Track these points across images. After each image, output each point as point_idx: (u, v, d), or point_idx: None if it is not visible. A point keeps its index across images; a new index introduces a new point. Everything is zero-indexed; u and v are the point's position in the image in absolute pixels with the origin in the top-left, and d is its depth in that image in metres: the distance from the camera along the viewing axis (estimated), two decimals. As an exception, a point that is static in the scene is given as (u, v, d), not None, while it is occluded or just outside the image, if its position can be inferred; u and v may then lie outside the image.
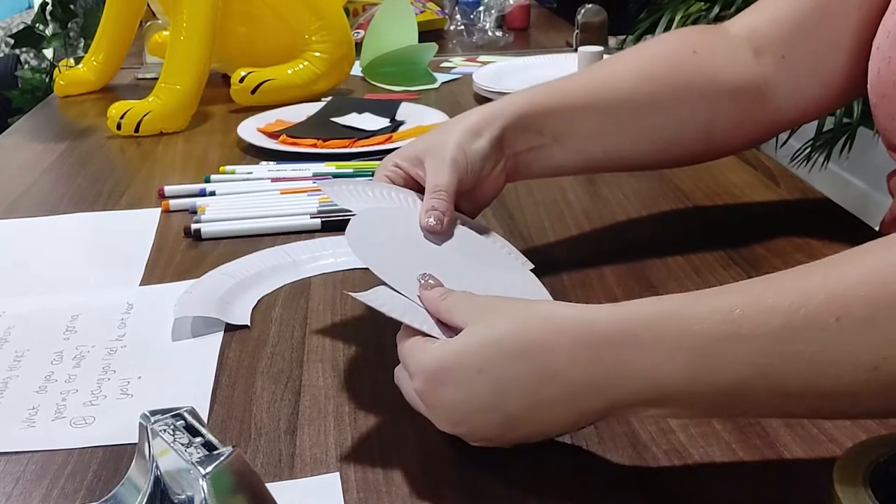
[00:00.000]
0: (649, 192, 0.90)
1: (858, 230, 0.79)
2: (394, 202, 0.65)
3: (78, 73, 1.41)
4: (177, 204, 0.90)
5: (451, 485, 0.48)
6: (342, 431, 0.53)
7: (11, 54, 3.42)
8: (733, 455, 0.50)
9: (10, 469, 0.51)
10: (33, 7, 3.91)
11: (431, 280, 0.54)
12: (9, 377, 0.61)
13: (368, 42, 1.44)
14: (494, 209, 0.87)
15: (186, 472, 0.39)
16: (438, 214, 0.62)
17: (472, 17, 1.85)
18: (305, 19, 1.28)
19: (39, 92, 2.93)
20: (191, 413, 0.42)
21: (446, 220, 0.62)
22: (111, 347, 0.64)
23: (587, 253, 0.77)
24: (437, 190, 0.64)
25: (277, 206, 0.87)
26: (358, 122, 1.13)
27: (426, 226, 0.62)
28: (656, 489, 0.47)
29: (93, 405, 0.57)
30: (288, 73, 1.27)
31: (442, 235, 0.62)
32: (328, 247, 0.78)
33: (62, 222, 0.89)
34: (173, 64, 1.19)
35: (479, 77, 1.31)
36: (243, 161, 1.04)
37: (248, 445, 0.52)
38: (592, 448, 0.51)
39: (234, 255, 0.77)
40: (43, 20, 3.02)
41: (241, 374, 0.60)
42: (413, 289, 0.53)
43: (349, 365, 0.60)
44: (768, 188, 0.90)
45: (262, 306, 0.69)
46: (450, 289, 0.52)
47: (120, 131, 1.16)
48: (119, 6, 1.35)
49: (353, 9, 1.75)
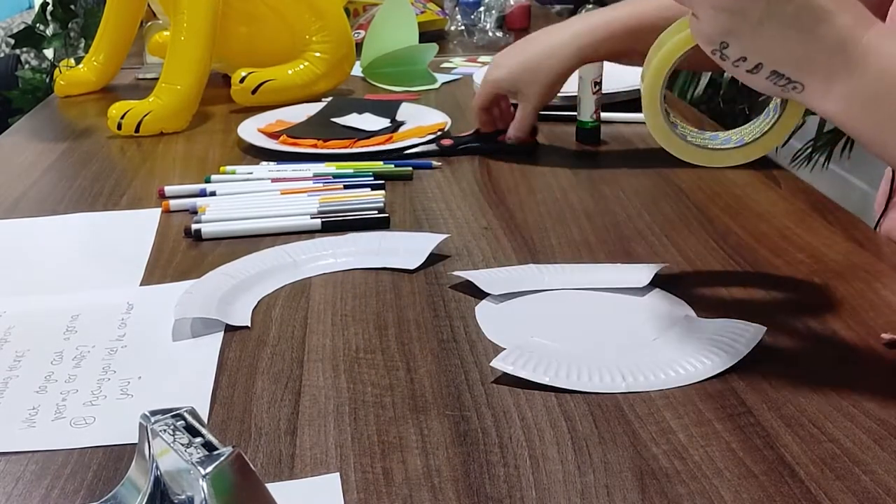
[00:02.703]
0: (650, 191, 0.90)
1: (859, 230, 0.79)
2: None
3: (78, 74, 1.41)
4: (177, 204, 0.90)
5: (452, 485, 0.48)
6: (342, 431, 0.53)
7: (12, 54, 3.42)
8: (733, 455, 0.50)
9: (10, 469, 0.51)
10: (34, 7, 3.91)
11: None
12: (9, 377, 0.61)
13: (369, 42, 1.44)
14: (495, 209, 0.87)
15: (186, 473, 0.39)
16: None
17: (473, 17, 1.85)
18: (306, 19, 1.28)
19: (40, 92, 2.93)
20: (191, 413, 0.42)
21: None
22: (111, 347, 0.64)
23: (587, 253, 0.77)
24: (521, 128, 1.01)
25: (278, 207, 0.87)
26: (358, 122, 1.13)
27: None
28: (656, 489, 0.47)
29: (93, 405, 0.57)
30: (288, 74, 1.27)
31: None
32: (328, 247, 0.78)
33: (62, 222, 0.89)
34: (174, 64, 1.19)
35: (479, 78, 1.31)
36: (243, 161, 1.04)
37: (248, 446, 0.52)
38: (592, 448, 0.51)
39: (234, 255, 0.77)
40: (43, 20, 3.03)
41: (241, 375, 0.60)
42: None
43: (349, 365, 0.60)
44: (769, 188, 0.90)
45: (262, 306, 0.69)
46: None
47: (120, 131, 1.16)
48: (119, 6, 1.35)
49: (354, 9, 1.75)
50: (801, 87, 0.56)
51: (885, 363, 0.58)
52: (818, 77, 0.55)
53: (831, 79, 0.55)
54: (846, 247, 0.76)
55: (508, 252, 0.77)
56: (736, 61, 0.56)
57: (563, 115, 1.16)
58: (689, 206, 0.86)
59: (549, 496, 0.47)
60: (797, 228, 0.80)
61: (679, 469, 0.49)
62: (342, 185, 0.92)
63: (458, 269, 0.73)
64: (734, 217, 0.83)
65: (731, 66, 0.56)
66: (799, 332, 0.63)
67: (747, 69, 0.56)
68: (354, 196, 0.88)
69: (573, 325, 0.65)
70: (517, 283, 0.70)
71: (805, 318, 0.64)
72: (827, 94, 0.55)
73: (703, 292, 0.69)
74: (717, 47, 0.56)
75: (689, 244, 0.78)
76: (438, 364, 0.60)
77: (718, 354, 0.59)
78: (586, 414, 0.54)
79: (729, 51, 0.56)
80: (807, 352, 0.60)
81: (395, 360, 0.61)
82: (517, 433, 0.52)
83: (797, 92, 0.56)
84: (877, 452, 0.49)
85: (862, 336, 0.62)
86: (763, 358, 0.59)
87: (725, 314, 0.65)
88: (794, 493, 0.47)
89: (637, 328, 0.64)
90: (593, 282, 0.71)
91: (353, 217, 0.84)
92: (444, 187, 0.94)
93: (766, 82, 0.56)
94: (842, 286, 0.69)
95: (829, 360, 0.59)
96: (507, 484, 0.48)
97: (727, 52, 0.56)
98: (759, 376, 0.57)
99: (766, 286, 0.70)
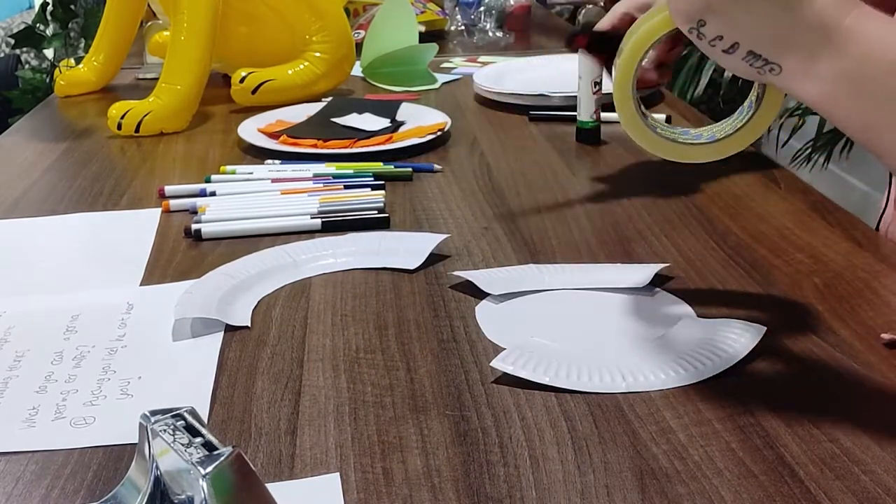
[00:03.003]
0: (650, 191, 0.90)
1: (858, 230, 0.79)
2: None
3: (78, 74, 1.41)
4: (177, 204, 0.90)
5: (452, 485, 0.48)
6: (342, 431, 0.53)
7: (12, 54, 3.42)
8: (733, 455, 0.50)
9: (10, 469, 0.51)
10: (34, 7, 3.91)
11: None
12: (9, 377, 0.61)
13: (369, 42, 1.44)
14: (495, 209, 0.87)
15: (186, 473, 0.39)
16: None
17: (473, 17, 1.85)
18: (306, 20, 1.28)
19: (40, 92, 2.93)
20: (191, 413, 0.42)
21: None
22: (111, 347, 0.64)
23: (587, 253, 0.77)
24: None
25: (278, 207, 0.87)
26: (358, 122, 1.13)
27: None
28: (656, 489, 0.47)
29: (93, 405, 0.57)
30: (288, 74, 1.27)
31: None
32: (328, 247, 0.78)
33: (62, 222, 0.89)
34: (174, 64, 1.19)
35: (479, 78, 1.31)
36: (244, 161, 1.04)
37: (248, 446, 0.52)
38: (592, 448, 0.51)
39: (234, 255, 0.77)
40: (43, 20, 3.03)
41: (241, 375, 0.60)
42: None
43: (349, 365, 0.61)
44: (768, 188, 0.90)
45: (262, 306, 0.69)
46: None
47: (120, 131, 1.16)
48: (120, 6, 1.35)
49: (354, 9, 1.75)
50: (778, 69, 0.54)
51: (886, 363, 0.58)
52: (797, 57, 0.53)
53: (812, 60, 0.53)
54: (846, 247, 0.76)
55: (508, 252, 0.77)
56: (712, 40, 0.54)
57: (563, 115, 1.16)
58: (689, 206, 0.86)
59: (549, 496, 0.47)
60: (797, 228, 0.80)
61: (679, 469, 0.49)
62: (342, 185, 0.92)
63: (458, 269, 0.73)
64: (734, 217, 0.83)
65: (708, 45, 0.55)
66: (799, 332, 0.63)
67: (723, 49, 0.54)
68: (354, 196, 0.88)
69: (573, 325, 0.65)
70: (517, 283, 0.70)
71: (805, 319, 0.64)
72: (806, 76, 0.53)
73: (703, 292, 0.69)
74: (694, 25, 0.54)
75: (689, 244, 0.78)
76: (438, 364, 0.60)
77: (718, 355, 0.59)
78: (586, 414, 0.54)
79: (706, 28, 0.54)
80: (807, 352, 0.60)
81: (395, 360, 0.61)
82: (517, 433, 0.52)
83: (774, 74, 0.54)
84: (877, 452, 0.49)
85: (862, 336, 0.62)
86: (763, 358, 0.59)
87: (725, 314, 0.65)
88: (794, 493, 0.47)
89: (637, 328, 0.64)
90: (593, 282, 0.71)
91: (353, 217, 0.84)
92: (444, 187, 0.94)
93: (742, 64, 0.55)
94: (841, 286, 0.69)
95: (829, 361, 0.59)
96: (507, 484, 0.48)
97: (704, 30, 0.54)
98: (759, 376, 0.57)
99: (766, 286, 0.70)
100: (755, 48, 0.54)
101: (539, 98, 1.21)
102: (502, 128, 1.16)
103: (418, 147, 1.05)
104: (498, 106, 1.25)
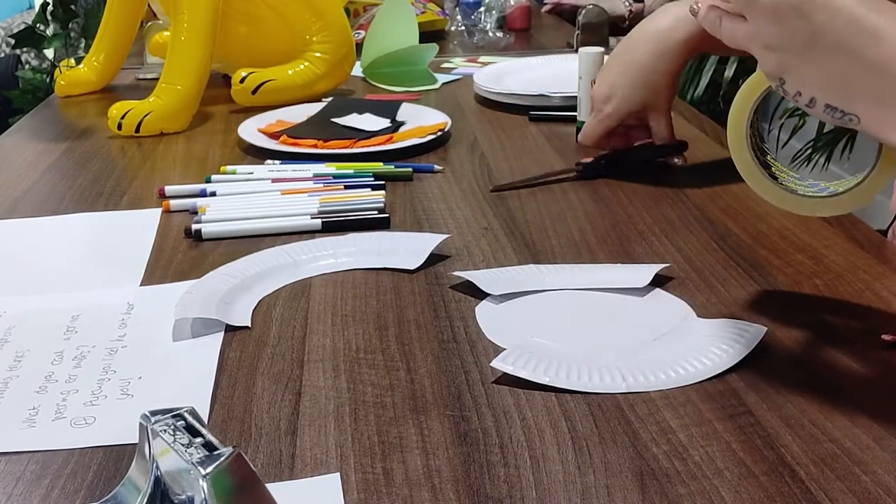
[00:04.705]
0: (650, 192, 0.90)
1: (859, 231, 0.79)
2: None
3: (79, 74, 1.41)
4: (177, 204, 0.90)
5: (452, 485, 0.48)
6: (342, 431, 0.53)
7: (12, 54, 3.42)
8: (733, 455, 0.50)
9: (10, 469, 0.51)
10: (34, 7, 3.91)
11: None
12: (9, 377, 0.61)
13: (369, 42, 1.44)
14: (495, 209, 0.87)
15: (186, 473, 0.39)
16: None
17: (473, 17, 1.85)
18: (306, 20, 1.28)
19: (40, 92, 2.93)
20: (191, 413, 0.42)
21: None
22: (112, 347, 0.64)
23: (587, 253, 0.77)
24: (668, 135, 0.95)
25: (278, 207, 0.87)
26: (358, 122, 1.13)
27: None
28: (656, 489, 0.47)
29: (93, 405, 0.57)
30: (289, 74, 1.27)
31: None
32: (328, 247, 0.78)
33: (63, 222, 0.89)
34: (174, 64, 1.19)
35: (479, 78, 1.31)
36: (244, 161, 1.04)
37: (248, 446, 0.52)
38: (593, 448, 0.51)
39: (234, 255, 0.77)
40: (44, 20, 3.03)
41: (241, 375, 0.60)
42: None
43: (349, 365, 0.61)
44: (769, 189, 0.90)
45: (262, 306, 0.69)
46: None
47: (121, 131, 1.16)
48: (120, 6, 1.35)
49: (354, 9, 1.75)
50: (856, 119, 0.53)
51: (886, 363, 0.58)
52: (870, 107, 0.52)
53: (884, 107, 0.51)
54: (846, 248, 0.76)
55: (508, 252, 0.77)
56: (794, 96, 0.54)
57: (563, 115, 1.16)
58: (689, 206, 0.86)
59: (550, 496, 0.47)
60: (797, 229, 0.80)
61: (679, 469, 0.49)
62: (343, 185, 0.92)
63: (459, 269, 0.73)
64: (734, 217, 0.83)
65: (793, 100, 0.55)
66: (799, 332, 0.63)
67: (805, 103, 0.54)
68: (355, 196, 0.88)
69: (573, 326, 0.65)
70: (517, 283, 0.70)
71: (805, 319, 0.64)
72: (885, 123, 0.52)
73: (703, 292, 0.69)
74: (777, 83, 0.55)
75: (689, 244, 0.78)
76: (438, 364, 0.60)
77: (718, 354, 0.59)
78: (586, 414, 0.54)
79: (787, 86, 0.54)
80: (807, 352, 0.60)
81: (395, 361, 0.61)
82: (517, 433, 0.52)
83: (855, 124, 0.53)
84: (877, 452, 0.49)
85: (862, 336, 0.62)
86: (763, 358, 0.59)
87: (725, 314, 0.65)
88: (794, 494, 0.47)
89: (637, 328, 0.64)
90: (593, 282, 0.71)
91: (354, 217, 0.84)
92: (445, 188, 0.94)
93: (826, 116, 0.54)
94: (842, 287, 0.69)
95: (829, 361, 0.59)
96: (508, 484, 0.48)
97: (785, 87, 0.54)
98: (759, 376, 0.57)
99: (766, 286, 0.70)
100: (830, 101, 0.53)
101: (539, 98, 1.21)
102: (502, 128, 1.16)
103: (418, 147, 1.06)
104: (498, 106, 1.25)
